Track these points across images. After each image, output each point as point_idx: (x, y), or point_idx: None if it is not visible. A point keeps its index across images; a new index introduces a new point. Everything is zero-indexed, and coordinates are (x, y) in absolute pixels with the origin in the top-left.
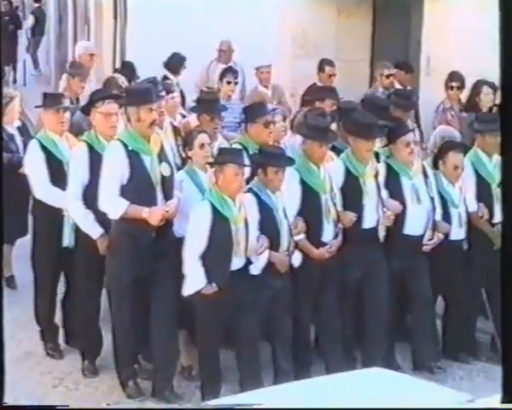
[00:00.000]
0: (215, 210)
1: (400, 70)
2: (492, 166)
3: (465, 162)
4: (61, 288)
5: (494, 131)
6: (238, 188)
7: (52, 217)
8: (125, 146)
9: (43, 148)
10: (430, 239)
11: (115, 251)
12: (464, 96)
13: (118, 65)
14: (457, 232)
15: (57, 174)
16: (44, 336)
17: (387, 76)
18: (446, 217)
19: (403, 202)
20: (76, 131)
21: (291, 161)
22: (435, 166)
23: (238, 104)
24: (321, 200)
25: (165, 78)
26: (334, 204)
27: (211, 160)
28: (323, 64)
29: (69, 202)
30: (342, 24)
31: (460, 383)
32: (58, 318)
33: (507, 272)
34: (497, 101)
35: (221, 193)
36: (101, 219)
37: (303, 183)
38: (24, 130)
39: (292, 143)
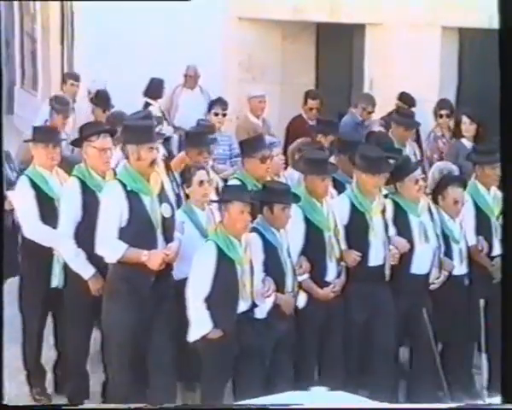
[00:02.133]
0: (220, 251)
1: (404, 103)
2: (491, 198)
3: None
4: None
5: (493, 162)
6: (244, 227)
7: (41, 256)
8: (124, 186)
9: (33, 184)
10: (437, 278)
11: (113, 296)
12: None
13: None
14: (459, 268)
15: (47, 212)
16: (31, 381)
17: (369, 112)
18: (448, 253)
19: (410, 241)
20: (66, 165)
21: (297, 198)
22: (434, 201)
23: (228, 136)
24: (325, 238)
25: (147, 104)
26: (338, 242)
27: (213, 198)
28: (307, 97)
29: (60, 241)
30: (287, 49)
31: None
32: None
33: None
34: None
35: (226, 233)
36: (94, 258)
37: (306, 220)
38: (8, 160)
39: (290, 175)
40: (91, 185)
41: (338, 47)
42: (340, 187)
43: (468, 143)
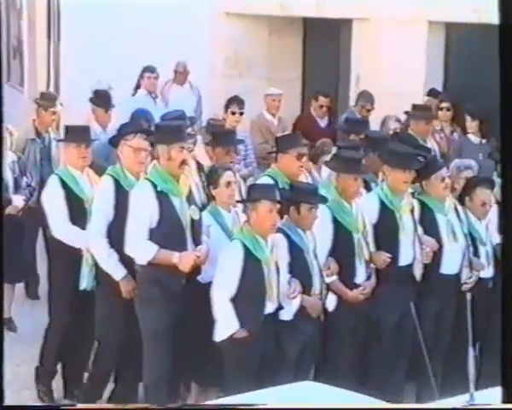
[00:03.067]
0: (247, 251)
1: (434, 98)
2: None
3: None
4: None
5: None
6: (272, 226)
7: (70, 257)
8: (154, 186)
9: (63, 184)
10: (469, 277)
11: (146, 300)
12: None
13: (52, 85)
14: (485, 271)
15: (77, 212)
16: (39, 377)
17: (368, 110)
18: (475, 255)
19: (439, 240)
20: (97, 167)
21: (324, 199)
22: (461, 202)
23: (242, 136)
24: (353, 239)
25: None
26: (367, 243)
27: (237, 198)
28: (317, 94)
29: (92, 240)
30: (273, 44)
31: None
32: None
33: None
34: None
35: (253, 232)
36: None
37: (335, 221)
38: (19, 165)
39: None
40: (125, 185)
41: (325, 42)
42: (367, 187)
43: (474, 139)
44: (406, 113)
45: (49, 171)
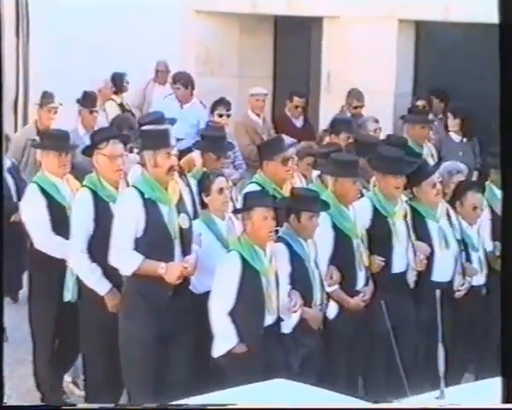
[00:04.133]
0: (245, 262)
1: (436, 97)
2: None
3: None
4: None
5: None
6: (268, 233)
7: (53, 269)
8: (141, 194)
9: (43, 192)
10: (462, 285)
11: (128, 313)
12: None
13: (21, 83)
14: (478, 277)
15: (59, 221)
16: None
17: (355, 107)
18: (468, 261)
19: (430, 247)
20: (76, 171)
21: (326, 206)
22: (451, 207)
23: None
24: (353, 245)
25: (111, 99)
26: (366, 249)
27: (230, 206)
28: (292, 94)
29: (73, 255)
30: (245, 41)
31: None
32: None
33: None
34: None
35: (250, 242)
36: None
37: (335, 227)
38: (15, 170)
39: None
40: (103, 196)
41: (296, 40)
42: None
43: (455, 137)
44: (402, 117)
45: None
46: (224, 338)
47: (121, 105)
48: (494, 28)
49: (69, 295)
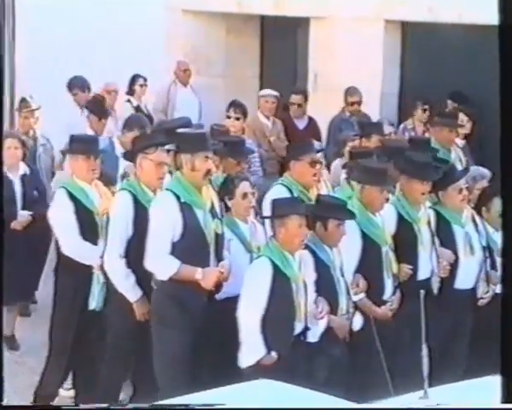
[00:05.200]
0: (276, 268)
1: (454, 102)
2: None
3: None
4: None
5: None
6: (302, 241)
7: (80, 275)
8: (177, 198)
9: (72, 197)
10: (486, 292)
11: (164, 320)
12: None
13: (7, 86)
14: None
15: (88, 227)
16: (38, 399)
17: (352, 103)
18: (494, 268)
19: (455, 253)
20: (106, 179)
21: (353, 214)
22: (478, 212)
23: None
24: (382, 253)
25: (128, 101)
26: (394, 256)
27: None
28: (291, 93)
29: (109, 260)
30: (231, 42)
31: None
32: None
33: None
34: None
35: (281, 248)
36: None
37: (363, 235)
38: (28, 179)
39: None
40: (143, 201)
41: (282, 40)
42: None
43: (460, 142)
44: (428, 122)
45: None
46: (253, 348)
47: (138, 108)
48: (479, 28)
49: (94, 303)
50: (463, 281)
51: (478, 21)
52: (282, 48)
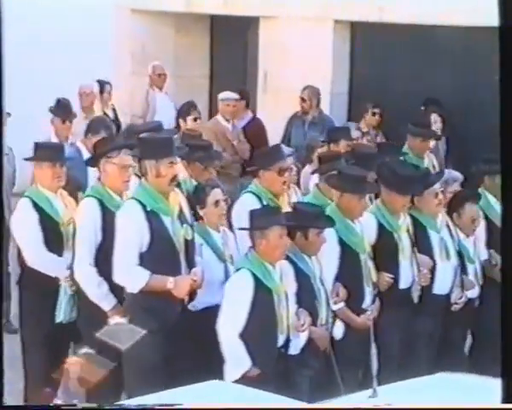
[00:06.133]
0: (257, 280)
1: (426, 106)
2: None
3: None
4: None
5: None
6: (283, 252)
7: (46, 288)
8: (143, 206)
9: (36, 207)
10: (460, 298)
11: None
12: None
13: None
14: (473, 290)
15: (52, 237)
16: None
17: (302, 99)
18: (464, 273)
19: (432, 258)
20: (73, 186)
21: (332, 222)
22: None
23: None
24: (361, 261)
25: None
26: (373, 264)
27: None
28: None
29: (79, 269)
30: (180, 41)
31: None
32: None
33: None
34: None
35: (261, 260)
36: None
37: (341, 242)
38: None
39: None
40: (111, 206)
41: (232, 40)
42: None
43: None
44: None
45: None
46: (237, 362)
47: (104, 114)
48: (430, 27)
49: (61, 315)
50: (440, 286)
51: (429, 21)
52: (231, 47)
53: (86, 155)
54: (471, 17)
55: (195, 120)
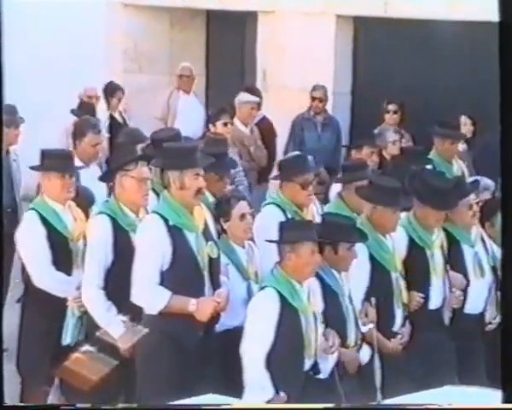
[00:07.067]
0: (283, 300)
1: None
2: None
3: None
4: None
5: None
6: (313, 270)
7: (53, 309)
8: (166, 221)
9: (44, 221)
10: (494, 317)
11: (152, 357)
12: None
13: None
14: None
15: (61, 254)
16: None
17: (313, 98)
18: (498, 290)
19: (465, 276)
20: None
21: (365, 236)
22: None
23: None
24: (392, 279)
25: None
26: (404, 284)
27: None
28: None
29: (87, 291)
30: (176, 37)
31: None
32: None
33: None
34: None
35: (288, 277)
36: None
37: (372, 259)
38: None
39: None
40: (124, 224)
41: (229, 36)
42: None
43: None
44: (430, 131)
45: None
46: (260, 388)
47: (111, 117)
48: (434, 24)
49: (69, 338)
50: (473, 306)
51: (435, 15)
52: (228, 43)
53: (78, 163)
54: (478, 12)
55: (226, 124)
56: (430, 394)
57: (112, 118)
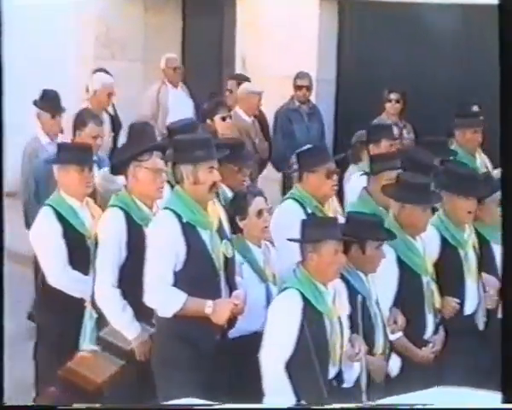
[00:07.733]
0: (306, 302)
1: None
2: None
3: None
4: None
5: None
6: (337, 270)
7: (69, 310)
8: (179, 217)
9: (60, 217)
10: None
11: (168, 362)
12: None
13: None
14: None
15: (78, 253)
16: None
17: (300, 87)
18: None
19: (497, 277)
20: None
21: (392, 234)
22: None
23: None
24: (422, 284)
25: None
26: (437, 288)
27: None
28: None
29: (100, 290)
30: (150, 21)
31: None
32: None
33: None
34: None
35: (311, 278)
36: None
37: (400, 261)
38: None
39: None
40: (138, 218)
41: (206, 20)
42: None
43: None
44: (450, 125)
45: None
46: (279, 396)
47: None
48: (423, 7)
49: (87, 341)
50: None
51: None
52: (206, 28)
53: None
54: None
55: (224, 119)
56: (426, 393)
57: (105, 111)
